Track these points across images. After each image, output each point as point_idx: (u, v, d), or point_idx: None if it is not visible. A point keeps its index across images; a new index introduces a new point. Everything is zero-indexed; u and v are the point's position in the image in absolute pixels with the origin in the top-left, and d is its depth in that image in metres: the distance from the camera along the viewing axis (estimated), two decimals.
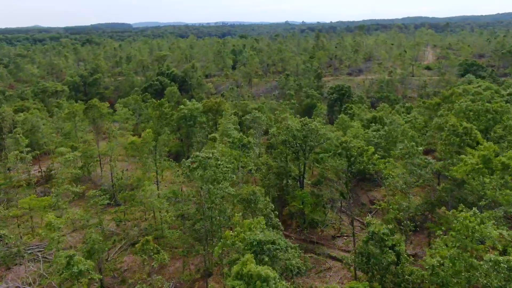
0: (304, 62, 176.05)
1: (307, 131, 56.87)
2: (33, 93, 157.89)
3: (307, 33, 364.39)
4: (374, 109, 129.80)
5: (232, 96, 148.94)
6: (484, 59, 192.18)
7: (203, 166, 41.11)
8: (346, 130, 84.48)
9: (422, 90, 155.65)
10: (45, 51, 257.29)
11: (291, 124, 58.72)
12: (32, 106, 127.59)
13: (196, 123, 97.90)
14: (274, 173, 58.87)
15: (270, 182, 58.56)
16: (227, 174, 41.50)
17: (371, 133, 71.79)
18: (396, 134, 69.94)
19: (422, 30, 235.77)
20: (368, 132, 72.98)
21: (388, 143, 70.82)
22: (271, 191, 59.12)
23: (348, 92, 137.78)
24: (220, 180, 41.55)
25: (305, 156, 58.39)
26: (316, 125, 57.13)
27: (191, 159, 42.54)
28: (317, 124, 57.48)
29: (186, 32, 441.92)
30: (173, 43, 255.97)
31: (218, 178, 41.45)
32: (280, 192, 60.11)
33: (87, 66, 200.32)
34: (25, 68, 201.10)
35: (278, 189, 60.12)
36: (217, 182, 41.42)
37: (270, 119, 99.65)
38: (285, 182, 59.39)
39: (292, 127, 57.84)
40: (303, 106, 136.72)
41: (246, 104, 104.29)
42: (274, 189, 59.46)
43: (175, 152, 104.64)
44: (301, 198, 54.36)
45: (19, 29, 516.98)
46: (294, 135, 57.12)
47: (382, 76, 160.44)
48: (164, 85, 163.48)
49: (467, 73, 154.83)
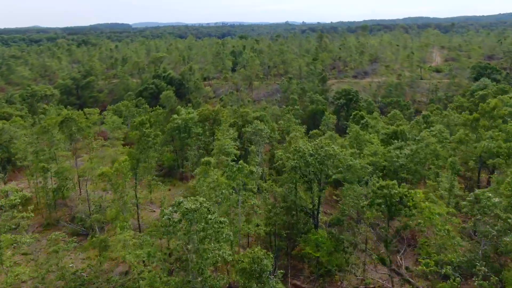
0: (307, 64, 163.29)
1: (322, 157, 44.48)
2: (21, 97, 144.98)
3: (308, 33, 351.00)
4: (384, 116, 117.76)
5: (232, 100, 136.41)
6: (494, 61, 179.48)
7: (188, 220, 28.92)
8: (360, 144, 72.20)
9: (433, 95, 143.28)
10: (40, 52, 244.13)
11: (302, 146, 46.23)
12: (15, 113, 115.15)
13: (190, 135, 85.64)
14: (282, 208, 46.52)
15: (277, 219, 46.23)
16: (221, 233, 29.12)
17: (393, 152, 59.36)
18: (425, 155, 57.62)
19: (428, 30, 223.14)
20: (390, 151, 60.46)
21: (415, 164, 58.56)
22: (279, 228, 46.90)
23: (356, 97, 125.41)
24: (212, 239, 29.29)
25: (320, 187, 46.05)
26: (334, 149, 44.67)
27: (173, 208, 30.22)
28: (335, 148, 44.99)
29: (185, 33, 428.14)
30: (171, 44, 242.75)
31: (209, 236, 29.18)
32: (289, 230, 47.80)
33: (80, 68, 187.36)
34: (16, 70, 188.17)
35: (287, 226, 47.81)
36: (207, 242, 29.20)
37: (273, 128, 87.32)
38: (295, 218, 47.12)
39: (305, 151, 45.41)
40: (307, 113, 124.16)
41: (246, 113, 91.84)
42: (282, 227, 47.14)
43: (168, 166, 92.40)
44: (316, 243, 42.12)
45: (17, 30, 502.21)
46: (307, 161, 44.74)
47: (390, 79, 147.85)
48: (160, 89, 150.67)
49: (480, 76, 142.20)
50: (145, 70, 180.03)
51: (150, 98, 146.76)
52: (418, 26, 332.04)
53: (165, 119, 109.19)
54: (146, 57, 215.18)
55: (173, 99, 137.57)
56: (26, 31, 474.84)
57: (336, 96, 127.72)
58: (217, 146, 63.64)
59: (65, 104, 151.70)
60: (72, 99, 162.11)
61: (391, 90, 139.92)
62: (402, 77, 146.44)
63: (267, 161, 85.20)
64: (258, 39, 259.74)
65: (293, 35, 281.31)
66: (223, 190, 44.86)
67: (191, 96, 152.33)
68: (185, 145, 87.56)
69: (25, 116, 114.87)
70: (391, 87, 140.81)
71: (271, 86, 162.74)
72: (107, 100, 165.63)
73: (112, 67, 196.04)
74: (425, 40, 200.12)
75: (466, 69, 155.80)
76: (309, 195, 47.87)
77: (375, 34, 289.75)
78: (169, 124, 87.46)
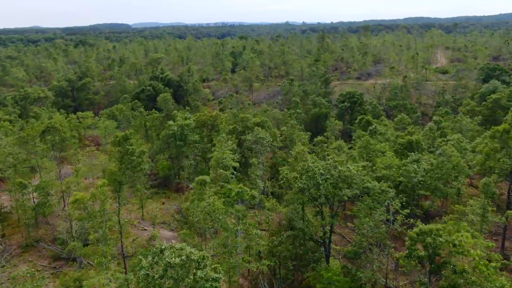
0: (309, 65, 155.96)
1: (336, 178, 37.43)
2: (13, 100, 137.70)
3: (309, 33, 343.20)
4: (390, 120, 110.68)
5: (231, 103, 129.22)
6: (500, 62, 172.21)
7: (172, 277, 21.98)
8: (370, 154, 65.14)
9: (440, 97, 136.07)
10: (37, 52, 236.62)
11: (312, 165, 39.11)
12: (3, 117, 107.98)
13: (187, 142, 78.60)
14: (288, 236, 39.48)
15: (283, 249, 39.21)
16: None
17: (410, 167, 52.22)
18: (447, 170, 50.57)
19: (432, 31, 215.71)
20: (407, 164, 53.27)
21: (434, 180, 51.55)
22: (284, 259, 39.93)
23: (361, 100, 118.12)
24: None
25: (332, 213, 39.00)
26: (350, 169, 37.60)
27: (153, 258, 23.19)
28: (351, 168, 37.90)
29: (185, 33, 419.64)
30: (170, 45, 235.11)
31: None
32: (296, 261, 40.77)
33: (76, 69, 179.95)
34: (11, 72, 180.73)
35: (294, 257, 40.77)
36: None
37: (275, 135, 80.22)
38: (304, 248, 40.09)
39: (315, 171, 38.32)
40: (310, 116, 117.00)
41: (246, 118, 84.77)
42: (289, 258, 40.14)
43: (164, 175, 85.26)
44: (329, 280, 35.16)
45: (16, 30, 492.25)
46: (318, 183, 37.70)
47: (395, 81, 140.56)
48: (158, 91, 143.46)
49: (489, 78, 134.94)
50: (142, 72, 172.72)
51: (147, 101, 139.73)
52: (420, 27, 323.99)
53: (161, 124, 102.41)
54: (144, 58, 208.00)
55: (170, 102, 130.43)
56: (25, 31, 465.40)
57: (340, 99, 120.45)
58: (215, 159, 56.56)
59: (60, 107, 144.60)
60: (67, 102, 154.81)
61: (396, 92, 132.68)
62: (408, 79, 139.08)
63: (269, 169, 78.25)
64: (258, 39, 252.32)
65: (294, 35, 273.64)
66: (220, 216, 37.91)
67: (190, 99, 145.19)
68: (181, 153, 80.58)
69: (14, 120, 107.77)
70: (397, 89, 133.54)
71: (272, 88, 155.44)
72: (103, 102, 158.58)
73: (109, 68, 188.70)
74: (429, 41, 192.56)
75: (472, 70, 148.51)
76: (319, 221, 40.80)
77: (377, 35, 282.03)
78: (164, 131, 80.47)
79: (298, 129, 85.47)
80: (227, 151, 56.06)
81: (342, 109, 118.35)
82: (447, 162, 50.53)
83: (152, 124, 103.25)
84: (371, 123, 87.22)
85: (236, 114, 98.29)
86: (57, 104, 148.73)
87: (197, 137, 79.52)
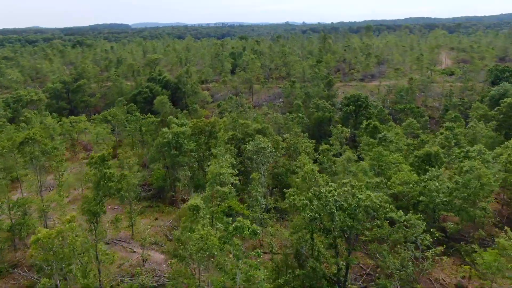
0: (311, 66, 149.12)
1: (354, 208, 30.85)
2: (5, 103, 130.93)
3: (309, 33, 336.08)
4: (397, 124, 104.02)
5: (231, 106, 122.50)
6: (507, 62, 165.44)
7: None
8: (383, 167, 58.49)
9: (447, 100, 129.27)
10: (34, 53, 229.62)
11: (324, 191, 32.47)
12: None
13: (182, 151, 71.91)
14: (297, 276, 32.90)
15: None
16: None
17: (432, 184, 45.53)
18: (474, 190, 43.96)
19: (436, 31, 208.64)
20: (427, 181, 46.57)
21: (459, 199, 44.95)
22: None
23: (366, 103, 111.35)
24: None
25: (349, 248, 32.45)
26: (372, 197, 31.00)
27: None
28: (372, 196, 31.27)
29: (184, 33, 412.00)
30: (168, 45, 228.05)
31: None
32: None
33: (72, 71, 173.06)
34: (5, 73, 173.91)
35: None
36: None
37: (277, 143, 73.52)
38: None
39: (328, 198, 31.71)
40: (313, 120, 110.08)
41: (247, 125, 78.18)
42: None
43: (158, 186, 78.51)
44: None
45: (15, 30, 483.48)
46: (332, 212, 31.12)
47: (400, 83, 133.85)
48: (155, 93, 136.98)
49: (497, 80, 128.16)
50: (140, 73, 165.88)
51: (144, 103, 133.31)
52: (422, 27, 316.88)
53: (157, 128, 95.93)
54: (143, 58, 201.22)
55: (167, 105, 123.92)
56: (24, 31, 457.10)
57: (344, 102, 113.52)
58: (211, 173, 49.91)
59: (54, 110, 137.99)
60: (62, 104, 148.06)
61: (402, 95, 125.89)
62: (414, 81, 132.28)
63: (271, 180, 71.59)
64: (258, 39, 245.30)
65: (295, 35, 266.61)
66: (215, 251, 31.34)
67: (188, 101, 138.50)
68: (176, 163, 73.89)
69: (2, 125, 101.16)
70: (402, 92, 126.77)
71: (273, 90, 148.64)
72: (99, 105, 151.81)
73: (107, 69, 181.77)
74: (433, 41, 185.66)
75: (479, 71, 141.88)
76: (332, 254, 34.22)
77: (378, 35, 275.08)
78: (158, 139, 73.79)
79: (302, 137, 78.85)
80: (224, 167, 49.37)
81: (346, 112, 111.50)
82: (476, 180, 43.93)
83: (148, 129, 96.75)
84: (379, 129, 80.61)
85: (235, 118, 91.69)
86: (51, 106, 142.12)
87: (194, 145, 72.90)
